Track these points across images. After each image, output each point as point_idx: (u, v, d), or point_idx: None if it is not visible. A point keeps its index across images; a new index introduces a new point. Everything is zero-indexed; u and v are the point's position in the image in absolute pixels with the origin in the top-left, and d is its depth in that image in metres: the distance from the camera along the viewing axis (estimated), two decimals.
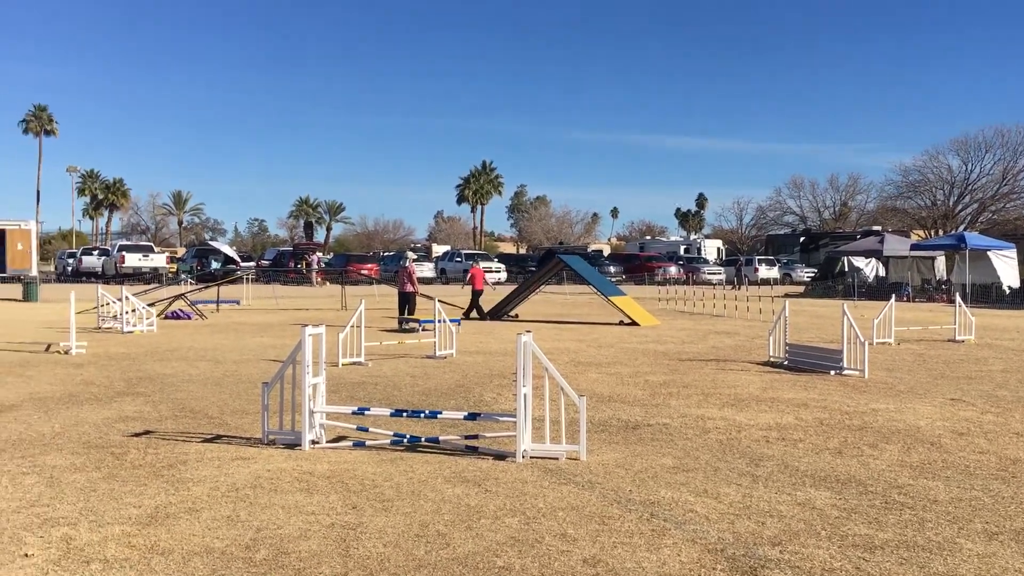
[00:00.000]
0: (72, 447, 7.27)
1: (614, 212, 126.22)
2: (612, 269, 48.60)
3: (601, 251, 67.79)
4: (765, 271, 48.10)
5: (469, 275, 23.01)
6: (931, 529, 5.25)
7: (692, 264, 52.01)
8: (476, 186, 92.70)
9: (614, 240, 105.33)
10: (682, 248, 63.11)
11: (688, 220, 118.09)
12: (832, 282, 38.08)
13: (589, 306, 26.93)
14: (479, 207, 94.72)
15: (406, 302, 20.20)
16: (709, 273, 49.43)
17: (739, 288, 38.29)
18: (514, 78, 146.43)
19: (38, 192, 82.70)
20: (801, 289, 40.44)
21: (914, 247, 36.94)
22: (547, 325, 20.36)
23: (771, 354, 13.43)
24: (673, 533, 5.13)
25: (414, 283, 20.63)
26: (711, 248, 65.17)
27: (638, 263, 51.86)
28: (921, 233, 60.79)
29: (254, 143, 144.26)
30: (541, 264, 37.70)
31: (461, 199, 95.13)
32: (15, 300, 29.23)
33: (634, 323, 20.27)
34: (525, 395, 6.90)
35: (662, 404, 9.61)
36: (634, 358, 13.89)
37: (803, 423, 8.56)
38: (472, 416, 7.51)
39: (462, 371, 12.18)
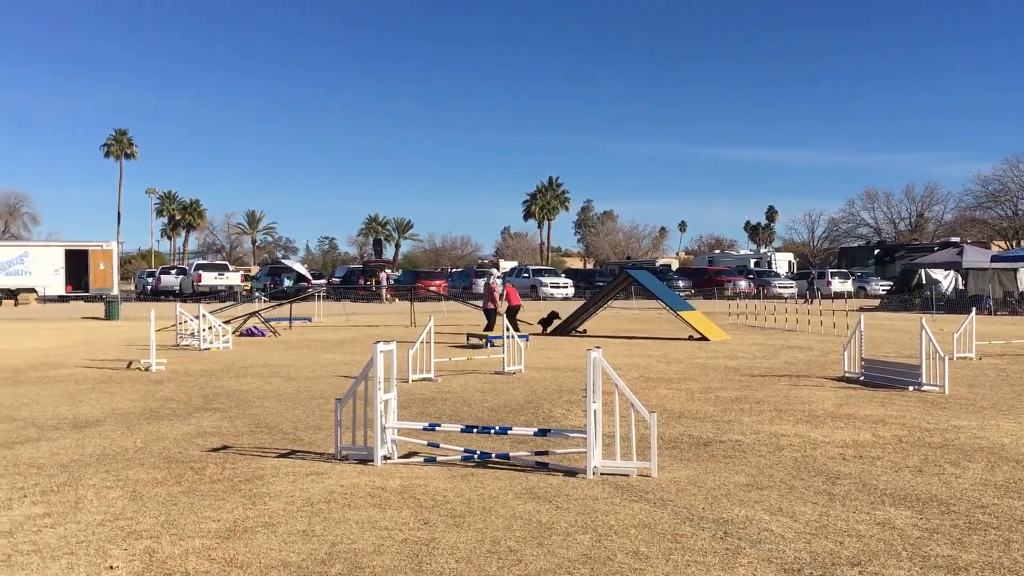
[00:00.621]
0: (153, 462, 7.48)
1: (682, 226, 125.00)
2: (681, 283, 48.14)
3: (669, 265, 67.25)
4: (839, 284, 47.04)
5: (504, 292, 23.00)
6: (1018, 550, 5.07)
7: (763, 278, 51.20)
8: (542, 202, 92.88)
9: (682, 254, 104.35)
10: (752, 262, 62.21)
11: (758, 233, 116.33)
12: (909, 295, 37.10)
13: (658, 321, 26.71)
14: (546, 223, 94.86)
15: (492, 318, 20.19)
16: (780, 287, 48.64)
17: (811, 302, 37.55)
18: (580, 92, 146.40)
19: (119, 213, 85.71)
20: (876, 303, 39.50)
21: (995, 259, 35.81)
22: (616, 340, 20.26)
23: (846, 369, 13.14)
24: (748, 552, 5.05)
25: (495, 300, 20.72)
26: (782, 261, 64.09)
27: (707, 277, 51.28)
28: (1002, 244, 58.92)
29: (324, 162, 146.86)
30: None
31: (528, 215, 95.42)
32: (98, 318, 30.24)
33: (704, 338, 20.04)
34: (595, 411, 6.88)
35: (734, 420, 9.48)
36: (704, 373, 13.73)
37: (881, 440, 8.36)
38: (542, 432, 7.51)
39: (531, 387, 12.19)
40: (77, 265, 44.74)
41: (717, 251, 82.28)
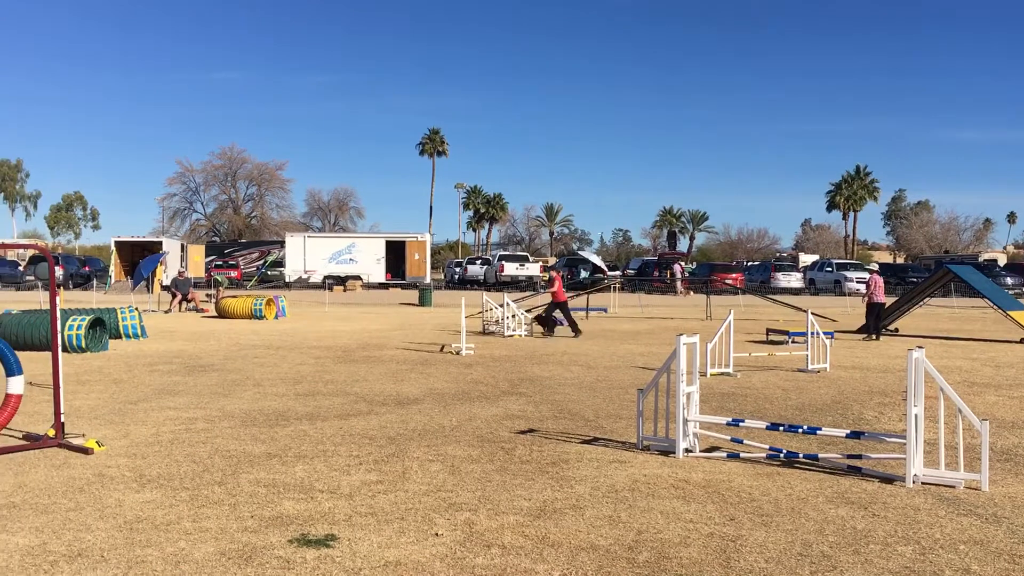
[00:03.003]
0: (468, 440, 7.98)
1: (1011, 217, 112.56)
2: (1010, 280, 43.45)
3: (995, 260, 60.92)
4: None
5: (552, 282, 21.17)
6: None
7: None
8: (848, 192, 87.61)
9: (1011, 248, 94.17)
10: None
11: None
12: None
13: (982, 321, 24.33)
14: (851, 214, 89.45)
15: (875, 312, 19.35)
16: None
17: None
18: (891, 74, 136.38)
19: (431, 207, 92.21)
20: None
21: None
22: (933, 341, 18.71)
23: None
24: None
25: (882, 294, 19.76)
26: None
27: None
28: None
29: (620, 155, 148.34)
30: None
31: (831, 206, 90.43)
32: (413, 304, 32.77)
33: None
34: (916, 415, 6.41)
35: None
36: None
37: None
38: (855, 435, 7.11)
39: (837, 386, 11.59)
40: (395, 255, 48.79)
41: None
